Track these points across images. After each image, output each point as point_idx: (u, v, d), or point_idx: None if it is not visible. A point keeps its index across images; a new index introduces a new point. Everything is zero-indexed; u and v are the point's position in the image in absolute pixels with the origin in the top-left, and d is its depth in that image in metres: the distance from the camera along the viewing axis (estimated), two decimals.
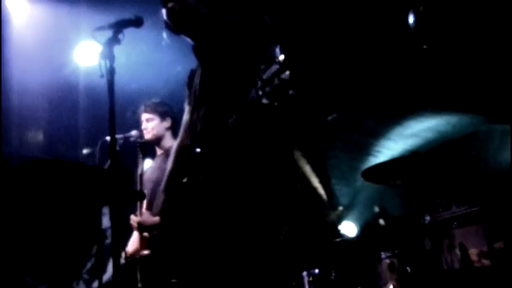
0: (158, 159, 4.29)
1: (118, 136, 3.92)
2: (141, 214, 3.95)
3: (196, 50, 2.78)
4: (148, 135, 4.19)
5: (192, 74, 2.91)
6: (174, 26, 2.71)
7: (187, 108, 2.92)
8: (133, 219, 3.94)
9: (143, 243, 3.93)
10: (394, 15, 4.49)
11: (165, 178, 2.89)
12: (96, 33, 2.56)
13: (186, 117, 2.92)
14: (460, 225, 5.32)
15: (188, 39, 2.77)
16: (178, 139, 2.95)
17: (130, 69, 4.37)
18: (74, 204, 2.57)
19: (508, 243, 4.89)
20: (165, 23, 2.72)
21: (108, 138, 2.59)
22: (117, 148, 3.72)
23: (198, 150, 2.61)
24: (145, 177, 4.09)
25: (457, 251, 5.11)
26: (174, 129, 4.32)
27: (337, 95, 2.63)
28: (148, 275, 3.95)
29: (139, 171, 4.03)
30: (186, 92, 2.94)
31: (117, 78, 2.52)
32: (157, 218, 3.98)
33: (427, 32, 4.16)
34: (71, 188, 2.53)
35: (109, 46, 2.47)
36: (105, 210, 4.15)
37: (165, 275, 3.91)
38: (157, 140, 4.26)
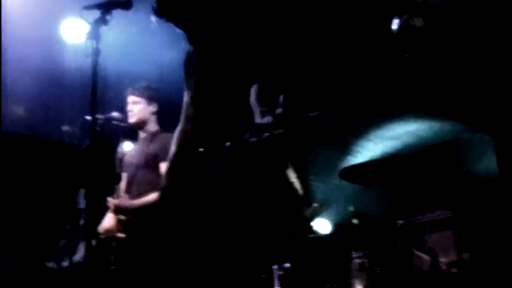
0: (141, 143, 4.28)
1: (99, 116, 3.90)
2: (119, 197, 3.95)
3: (193, 41, 2.77)
4: (133, 118, 4.19)
5: (188, 58, 2.90)
6: (165, 16, 2.69)
7: (186, 94, 2.91)
8: (111, 201, 3.94)
9: (119, 226, 3.94)
10: (381, 17, 4.50)
11: (168, 163, 2.88)
12: (84, 13, 2.54)
13: (186, 102, 2.90)
14: (432, 231, 5.37)
15: (179, 29, 2.76)
16: (181, 125, 2.94)
17: (118, 49, 4.34)
18: (50, 181, 2.55)
19: (476, 253, 4.95)
20: (154, 10, 2.70)
21: (88, 117, 2.58)
22: (98, 128, 3.73)
23: (201, 149, 2.62)
24: (126, 160, 4.09)
25: (427, 256, 5.17)
26: (159, 114, 4.32)
27: (320, 92, 2.63)
28: (123, 258, 3.95)
29: (119, 155, 4.03)
30: (184, 76, 2.93)
31: (105, 58, 2.50)
32: (135, 202, 3.99)
33: (410, 39, 4.19)
34: (48, 166, 2.51)
35: (96, 27, 2.45)
36: (82, 190, 4.14)
37: (139, 259, 3.92)
38: (141, 124, 4.26)
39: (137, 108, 4.24)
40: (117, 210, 3.93)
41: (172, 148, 2.90)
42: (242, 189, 2.49)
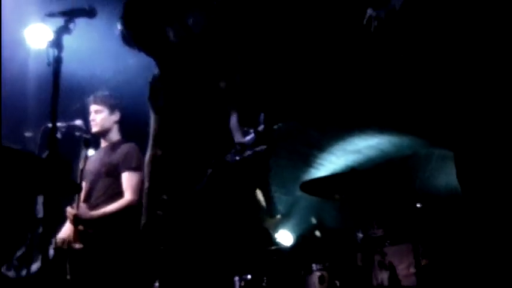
0: (101, 151, 4.25)
1: (61, 124, 3.87)
2: (78, 207, 3.91)
3: (162, 68, 2.82)
4: (96, 127, 4.16)
5: (153, 84, 2.93)
6: (137, 45, 2.74)
7: (153, 117, 2.93)
8: (70, 211, 3.89)
9: (76, 236, 3.89)
10: (346, 27, 4.57)
11: (144, 197, 2.90)
12: (47, 19, 2.53)
13: (153, 127, 2.93)
14: (392, 243, 5.44)
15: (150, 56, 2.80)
16: (149, 152, 2.96)
17: (80, 56, 4.31)
18: (9, 189, 2.52)
19: (433, 265, 5.04)
20: (123, 36, 2.74)
21: (50, 125, 2.55)
22: (59, 136, 3.69)
23: (164, 197, 2.64)
24: (87, 168, 4.05)
25: (387, 269, 5.23)
26: (121, 123, 4.30)
27: (283, 104, 2.68)
28: (78, 268, 3.91)
29: (80, 166, 3.99)
30: (150, 101, 2.95)
31: (67, 63, 2.49)
32: (93, 213, 3.95)
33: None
34: (7, 174, 2.48)
35: (59, 35, 2.44)
36: (41, 199, 4.09)
37: (95, 269, 3.88)
38: (104, 133, 4.23)
39: (100, 117, 4.20)
40: (76, 220, 3.88)
41: (146, 182, 2.92)
42: (217, 205, 2.53)
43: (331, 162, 6.62)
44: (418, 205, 5.32)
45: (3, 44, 5.15)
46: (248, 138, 2.15)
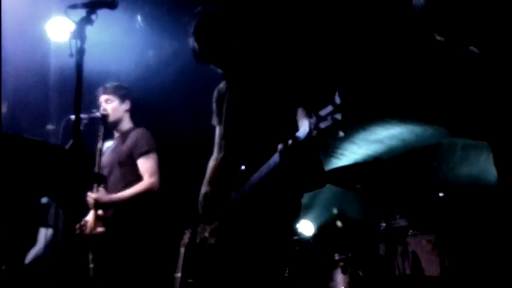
0: (115, 142, 4.26)
1: (83, 116, 3.88)
2: (97, 191, 3.92)
3: (229, 79, 2.88)
4: (107, 118, 4.16)
5: (219, 93, 3.00)
6: (206, 60, 2.82)
7: (217, 128, 3.01)
8: (90, 195, 3.91)
9: (97, 220, 3.91)
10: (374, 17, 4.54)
11: (204, 185, 2.95)
12: (69, 11, 2.53)
13: (217, 136, 3.02)
14: (414, 234, 5.40)
15: (218, 69, 2.89)
16: (212, 158, 3.03)
17: (101, 49, 4.32)
18: (31, 182, 2.54)
19: (457, 256, 4.99)
20: (194, 53, 2.84)
21: (72, 117, 2.56)
22: (81, 128, 3.71)
23: (243, 167, 2.67)
24: (103, 159, 4.07)
25: (410, 259, 5.20)
26: (132, 113, 4.30)
27: (306, 94, 2.67)
28: (101, 253, 3.93)
29: (98, 153, 4.00)
30: (214, 110, 3.02)
31: (88, 57, 2.49)
32: (113, 196, 3.96)
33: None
34: (31, 166, 2.49)
35: (81, 26, 2.44)
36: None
37: (117, 253, 3.90)
38: (115, 122, 4.23)
39: (110, 106, 4.20)
40: (96, 204, 3.89)
41: (208, 173, 2.97)
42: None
43: (353, 152, 6.59)
44: (441, 194, 5.27)
45: (25, 38, 5.19)
46: (324, 110, 2.18)
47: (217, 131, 3.03)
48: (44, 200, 3.93)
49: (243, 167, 2.67)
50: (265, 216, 2.59)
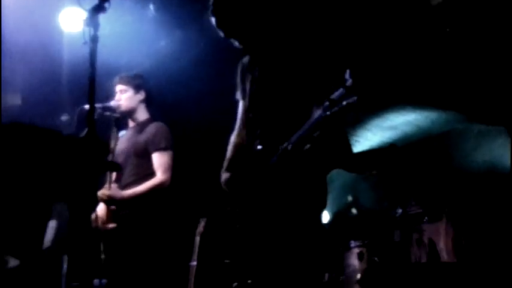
0: (130, 131, 4.26)
1: (97, 105, 3.88)
2: (110, 187, 3.94)
3: (255, 58, 2.85)
4: (121, 107, 4.16)
5: (243, 67, 2.96)
6: (225, 34, 2.78)
7: (241, 103, 2.97)
8: (103, 192, 3.93)
9: (109, 216, 3.93)
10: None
11: (225, 162, 2.93)
12: (81, 0, 2.53)
13: (241, 111, 2.97)
14: (430, 221, 5.38)
15: (236, 43, 2.84)
16: (235, 133, 2.99)
17: (113, 39, 4.32)
18: (47, 171, 2.55)
19: (473, 242, 4.96)
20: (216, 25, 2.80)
21: (86, 106, 2.56)
22: (95, 117, 3.71)
23: (259, 147, 2.65)
24: (117, 148, 4.08)
25: (425, 246, 5.17)
26: (147, 103, 4.30)
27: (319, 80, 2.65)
28: (113, 247, 3.95)
29: (112, 145, 4.01)
30: (238, 85, 2.98)
31: (100, 47, 2.49)
32: (125, 193, 3.98)
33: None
34: (46, 155, 2.50)
35: (94, 13, 2.43)
36: None
37: (129, 248, 3.92)
38: (130, 112, 4.23)
39: (125, 96, 4.19)
40: (108, 200, 3.91)
41: (229, 152, 2.94)
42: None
43: (367, 139, 6.54)
44: (456, 180, 5.24)
45: (37, 29, 5.20)
46: (337, 93, 2.15)
47: (241, 105, 2.98)
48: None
49: (259, 147, 2.65)
50: (294, 200, 2.54)
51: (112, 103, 4.12)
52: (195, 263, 4.68)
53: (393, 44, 4.70)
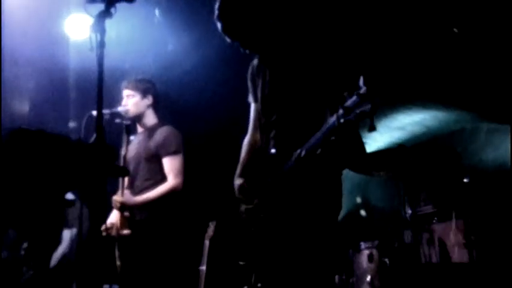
0: (140, 136, 4.26)
1: (105, 111, 3.88)
2: (122, 194, 3.95)
3: (264, 61, 2.83)
4: (129, 113, 4.16)
5: (253, 70, 2.95)
6: (231, 37, 2.76)
7: (253, 105, 2.96)
8: (116, 199, 3.94)
9: (123, 222, 3.93)
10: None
11: (238, 168, 2.92)
12: (87, 6, 2.53)
13: (253, 114, 2.96)
14: (440, 220, 5.35)
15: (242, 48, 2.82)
16: (248, 136, 2.98)
17: (120, 44, 4.33)
18: (55, 176, 2.55)
19: (485, 242, 4.93)
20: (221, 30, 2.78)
21: (94, 112, 2.56)
22: (103, 123, 3.71)
23: (273, 151, 2.64)
24: (127, 155, 4.08)
25: (436, 246, 5.15)
26: (155, 107, 4.29)
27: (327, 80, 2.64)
28: (128, 254, 3.96)
29: (123, 152, 4.02)
30: (250, 87, 2.97)
31: (107, 53, 2.49)
32: (138, 198, 3.99)
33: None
34: (54, 160, 2.51)
35: (100, 19, 2.43)
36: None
37: (144, 254, 3.92)
38: (138, 117, 4.23)
39: (132, 101, 4.19)
40: (122, 207, 3.92)
41: (242, 156, 2.93)
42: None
43: (375, 140, 6.53)
44: (466, 180, 5.21)
45: (44, 36, 5.22)
46: (351, 101, 2.13)
47: (252, 108, 2.97)
48: (70, 196, 3.97)
49: (273, 151, 2.64)
50: (310, 200, 2.53)
51: (120, 108, 4.12)
52: (204, 267, 4.68)
53: (401, 45, 4.69)
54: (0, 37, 4.45)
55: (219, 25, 2.75)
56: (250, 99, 2.97)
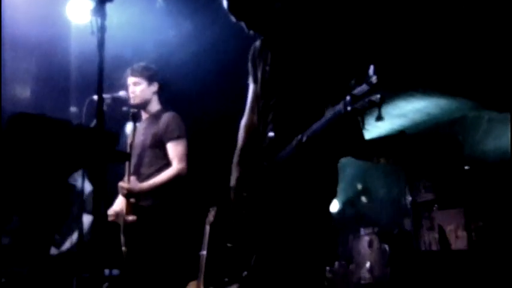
0: (144, 123, 4.27)
1: (106, 96, 3.88)
2: (129, 180, 3.96)
3: (267, 43, 2.80)
4: (136, 100, 4.16)
5: (255, 51, 2.92)
6: (237, 17, 2.73)
7: (251, 87, 2.93)
8: (122, 185, 3.95)
9: (129, 208, 3.95)
10: None
11: (236, 153, 2.90)
12: None
13: (251, 95, 2.93)
14: (440, 208, 5.37)
15: (246, 28, 2.79)
16: (245, 117, 2.95)
17: (121, 30, 4.31)
18: (57, 161, 2.56)
19: (485, 229, 4.95)
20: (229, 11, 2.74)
21: (95, 97, 2.56)
22: (104, 108, 3.71)
23: (271, 134, 2.61)
24: (132, 141, 4.09)
25: (436, 233, 5.16)
26: (159, 94, 4.30)
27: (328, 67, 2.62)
28: (133, 240, 3.97)
29: (129, 140, 4.04)
30: (250, 69, 2.94)
31: (108, 38, 2.48)
32: (143, 185, 4.00)
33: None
34: (55, 145, 2.51)
35: (101, 3, 2.42)
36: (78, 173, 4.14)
37: (149, 240, 3.94)
38: (144, 104, 4.23)
39: (139, 89, 4.19)
40: (128, 194, 3.93)
41: (240, 140, 2.91)
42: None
43: (376, 126, 6.52)
44: (466, 167, 5.22)
45: (45, 21, 5.20)
46: (359, 89, 2.10)
47: (251, 89, 2.95)
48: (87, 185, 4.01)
49: (271, 134, 2.62)
50: (304, 187, 2.52)
51: (121, 93, 4.12)
52: (205, 252, 4.69)
53: (404, 33, 4.67)
54: (0, 22, 4.44)
55: (225, 3, 2.72)
56: (250, 80, 2.95)
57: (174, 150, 4.09)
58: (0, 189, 2.44)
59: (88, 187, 4.38)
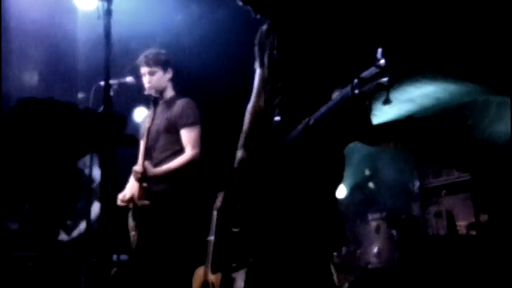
0: (159, 109, 4.27)
1: (113, 81, 3.88)
2: (142, 165, 3.96)
3: (274, 27, 2.78)
4: (152, 89, 4.16)
5: (262, 35, 2.90)
6: (245, 2, 2.71)
7: (258, 71, 2.92)
8: (136, 169, 3.96)
9: (141, 193, 3.95)
10: None
11: (241, 136, 2.89)
12: None
13: (258, 79, 2.91)
14: (448, 194, 5.36)
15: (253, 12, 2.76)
16: (252, 101, 2.94)
17: (128, 15, 4.30)
18: (66, 145, 2.56)
19: (493, 215, 4.93)
20: None
21: (102, 82, 2.55)
22: (112, 93, 3.72)
23: (278, 118, 2.60)
24: (146, 126, 4.09)
25: (444, 219, 5.16)
26: (174, 80, 4.30)
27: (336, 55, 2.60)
28: (145, 224, 3.98)
29: (147, 124, 4.04)
30: (257, 53, 2.92)
31: (116, 23, 2.47)
32: (157, 170, 4.01)
33: None
34: (64, 128, 2.52)
35: None
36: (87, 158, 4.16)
37: (161, 225, 3.96)
38: (160, 92, 4.24)
39: (156, 78, 4.19)
40: (142, 178, 3.94)
41: (246, 124, 2.90)
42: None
43: (384, 112, 6.49)
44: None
45: (52, 7, 5.19)
46: (368, 72, 2.08)
47: (258, 73, 2.94)
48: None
49: (277, 118, 2.60)
50: (311, 172, 2.50)
51: (128, 79, 4.11)
52: (212, 237, 4.70)
53: (411, 17, 4.63)
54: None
55: None
56: (256, 65, 2.93)
57: (188, 136, 4.10)
58: (8, 173, 2.46)
59: (99, 175, 4.40)
